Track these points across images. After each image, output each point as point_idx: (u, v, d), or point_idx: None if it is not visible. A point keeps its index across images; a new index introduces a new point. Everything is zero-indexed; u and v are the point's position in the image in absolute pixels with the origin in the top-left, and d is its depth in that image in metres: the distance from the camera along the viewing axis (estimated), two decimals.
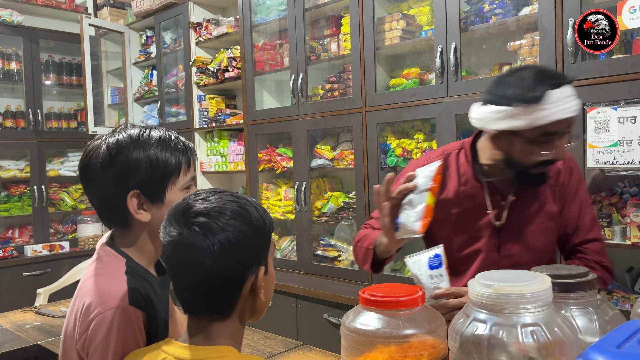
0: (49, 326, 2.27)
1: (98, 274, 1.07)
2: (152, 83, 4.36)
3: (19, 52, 4.50)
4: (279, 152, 3.36)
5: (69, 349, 1.08)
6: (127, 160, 1.06)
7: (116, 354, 0.99)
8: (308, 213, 3.08)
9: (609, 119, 1.99)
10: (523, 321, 0.83)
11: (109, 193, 1.07)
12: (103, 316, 1.00)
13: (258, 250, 0.90)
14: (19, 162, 4.59)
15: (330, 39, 3.11)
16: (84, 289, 1.07)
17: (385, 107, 2.67)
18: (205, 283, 0.86)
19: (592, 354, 0.70)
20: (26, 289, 3.91)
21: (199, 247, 0.84)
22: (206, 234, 0.85)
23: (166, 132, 1.12)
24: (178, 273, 0.89)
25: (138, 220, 1.08)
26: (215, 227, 0.85)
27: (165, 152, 1.09)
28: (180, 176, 1.11)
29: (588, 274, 1.00)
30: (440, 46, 2.42)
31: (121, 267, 1.07)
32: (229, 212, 0.87)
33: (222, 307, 0.89)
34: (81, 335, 1.02)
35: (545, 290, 0.84)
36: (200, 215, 0.86)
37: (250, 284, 0.89)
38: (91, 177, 1.09)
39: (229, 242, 0.85)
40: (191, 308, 0.91)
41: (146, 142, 1.08)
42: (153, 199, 1.09)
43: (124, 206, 1.07)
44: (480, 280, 0.89)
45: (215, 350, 0.86)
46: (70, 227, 4.87)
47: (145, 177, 1.07)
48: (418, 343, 1.00)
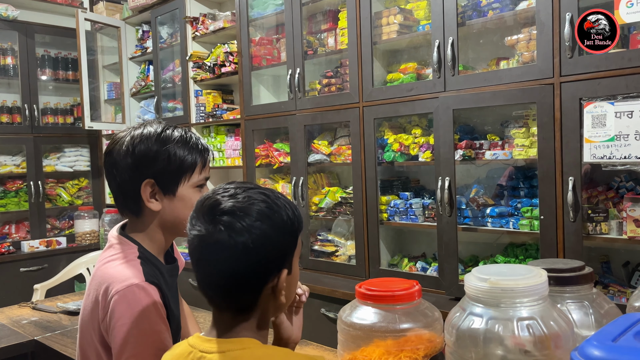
0: (45, 322, 2.27)
1: (112, 259, 1.13)
2: (149, 78, 4.34)
3: (15, 47, 4.48)
4: (276, 147, 3.35)
5: (87, 333, 1.13)
6: (147, 151, 1.15)
7: (138, 329, 1.03)
8: (305, 208, 3.08)
9: (606, 114, 1.99)
10: (519, 315, 0.83)
11: (126, 179, 1.15)
12: (122, 293, 1.05)
13: (282, 253, 0.89)
14: (15, 157, 4.57)
15: (327, 34, 3.10)
16: (100, 274, 1.12)
17: (383, 102, 2.67)
18: (225, 281, 0.87)
19: (588, 348, 0.70)
20: (23, 284, 3.91)
21: (222, 245, 0.85)
22: (230, 234, 0.85)
23: (189, 133, 1.21)
24: (201, 267, 0.90)
25: (149, 208, 1.15)
26: (240, 227, 0.85)
27: (184, 150, 1.17)
28: (194, 174, 1.19)
29: (584, 267, 1.01)
30: (438, 41, 2.41)
31: (134, 253, 1.14)
32: (255, 213, 0.86)
33: (242, 306, 0.89)
34: (104, 317, 1.07)
35: (541, 284, 0.85)
36: (226, 214, 0.86)
37: (271, 286, 0.89)
38: (112, 163, 1.17)
39: (252, 244, 0.84)
40: (213, 303, 0.92)
41: (168, 138, 1.17)
42: (165, 191, 1.16)
43: (138, 193, 1.14)
44: (476, 274, 0.89)
45: (238, 342, 0.87)
46: (67, 222, 4.86)
47: (160, 169, 1.15)
48: (414, 337, 1.01)
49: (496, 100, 2.27)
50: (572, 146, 2.06)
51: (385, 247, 2.87)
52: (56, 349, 1.93)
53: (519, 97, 2.20)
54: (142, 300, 1.05)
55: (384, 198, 2.80)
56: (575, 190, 2.03)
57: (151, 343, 1.03)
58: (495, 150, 2.40)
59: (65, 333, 2.10)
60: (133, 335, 1.02)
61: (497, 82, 2.26)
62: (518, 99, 2.21)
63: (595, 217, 2.08)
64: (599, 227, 2.08)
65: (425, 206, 2.68)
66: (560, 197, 2.08)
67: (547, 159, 2.12)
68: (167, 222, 1.18)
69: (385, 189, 2.86)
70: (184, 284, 2.24)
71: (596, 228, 2.08)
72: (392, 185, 2.91)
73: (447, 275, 2.45)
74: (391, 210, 2.76)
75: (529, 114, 2.33)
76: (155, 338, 1.03)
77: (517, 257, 2.41)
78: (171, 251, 1.30)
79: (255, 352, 0.86)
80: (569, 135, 2.06)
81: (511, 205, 2.39)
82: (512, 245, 2.50)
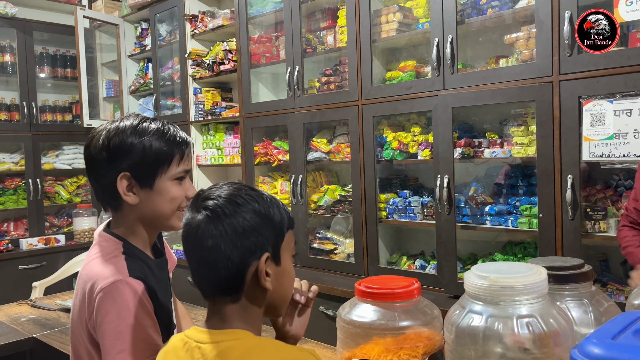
0: (44, 319, 2.27)
1: (97, 257, 1.13)
2: (148, 76, 4.33)
3: (13, 44, 4.46)
4: (275, 145, 3.35)
5: (77, 332, 1.13)
6: (122, 144, 1.13)
7: (124, 324, 1.03)
8: (304, 206, 3.08)
9: (605, 112, 1.99)
10: (518, 312, 0.83)
11: (103, 173, 1.14)
12: (106, 290, 1.04)
13: (263, 239, 0.91)
14: (14, 155, 4.56)
15: (326, 32, 3.09)
16: (85, 272, 1.12)
17: (382, 100, 2.66)
18: (209, 264, 0.90)
19: (588, 345, 0.70)
20: (22, 282, 3.89)
21: (203, 229, 0.89)
22: (212, 218, 0.89)
23: (167, 125, 1.18)
24: (189, 255, 0.93)
25: (127, 202, 1.14)
26: (221, 212, 0.89)
27: (160, 142, 1.15)
28: (172, 166, 1.16)
29: (583, 265, 1.01)
30: (437, 39, 2.41)
31: (118, 249, 1.13)
32: (237, 199, 0.91)
33: (228, 289, 0.91)
34: (90, 315, 1.07)
35: (541, 282, 0.85)
36: (209, 199, 0.91)
37: (254, 269, 0.90)
38: (89, 158, 1.16)
39: (232, 227, 0.89)
40: (204, 291, 0.94)
41: (144, 130, 1.15)
42: (142, 184, 1.14)
43: (115, 187, 1.13)
44: (476, 272, 0.89)
45: (231, 333, 0.89)
46: (66, 220, 4.85)
47: (136, 162, 1.13)
48: (414, 335, 1.01)
49: (495, 98, 2.27)
50: (571, 144, 2.06)
51: (384, 245, 2.87)
52: (55, 347, 1.93)
53: (518, 95, 2.20)
54: (126, 295, 1.04)
55: (382, 196, 2.80)
56: (574, 189, 2.04)
57: (138, 337, 1.03)
58: (494, 149, 2.40)
59: (64, 331, 2.10)
60: (120, 332, 1.02)
61: (496, 80, 2.26)
62: (517, 97, 2.21)
63: (594, 216, 2.08)
64: (597, 225, 2.08)
65: (424, 204, 2.68)
66: (559, 195, 2.09)
67: (546, 157, 2.12)
68: (146, 216, 1.16)
69: (384, 187, 2.86)
70: (182, 281, 2.24)
71: (595, 226, 2.08)
72: (391, 184, 2.91)
73: (446, 273, 2.45)
74: (390, 209, 2.76)
75: (528, 112, 2.33)
76: (142, 333, 1.04)
77: (516, 255, 2.41)
78: (160, 246, 1.29)
79: (247, 343, 0.88)
80: (568, 134, 2.06)
81: (510, 204, 2.39)
82: (510, 243, 2.50)
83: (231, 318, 0.92)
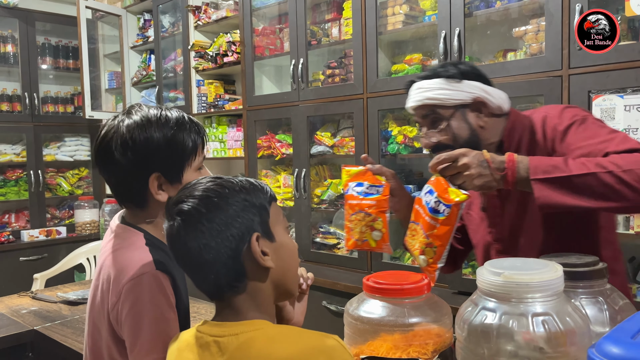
0: (45, 311, 2.25)
1: (119, 248, 1.10)
2: (150, 67, 4.30)
3: (15, 34, 4.43)
4: (278, 138, 3.32)
5: (97, 323, 1.11)
6: (148, 142, 1.08)
7: (150, 317, 1.01)
8: (307, 200, 3.05)
9: (615, 107, 1.96)
10: (534, 310, 0.81)
11: (129, 174, 1.09)
12: (134, 282, 1.02)
13: (247, 221, 0.89)
14: (15, 146, 4.54)
15: (331, 24, 3.06)
16: (108, 263, 1.09)
17: (387, 93, 2.63)
18: (203, 265, 0.88)
19: (606, 345, 0.67)
20: (23, 274, 3.88)
21: (184, 234, 0.88)
22: (189, 221, 0.88)
23: (181, 113, 1.15)
24: (182, 263, 0.93)
25: (156, 200, 1.11)
26: (195, 212, 0.87)
27: (183, 134, 1.12)
28: (197, 157, 1.14)
29: (598, 262, 0.98)
30: (444, 31, 2.38)
31: (140, 240, 1.10)
32: (210, 193, 0.89)
33: (232, 282, 0.89)
34: (114, 306, 1.04)
35: (557, 278, 0.82)
36: (180, 203, 0.90)
37: (249, 254, 0.88)
38: (109, 158, 1.09)
39: (211, 222, 0.87)
40: (210, 293, 0.92)
41: (165, 124, 1.10)
42: (172, 180, 1.11)
43: (144, 186, 1.09)
44: (489, 267, 0.87)
45: (249, 324, 0.87)
46: (67, 212, 4.83)
47: (165, 159, 1.09)
48: (423, 332, 0.98)
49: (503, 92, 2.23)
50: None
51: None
52: (56, 339, 1.91)
53: (526, 89, 2.17)
54: (153, 288, 1.02)
55: None
56: None
57: (163, 331, 1.01)
58: None
59: (65, 323, 2.08)
60: (146, 324, 1.01)
61: (504, 74, 2.23)
62: (525, 91, 2.18)
63: None
64: None
65: None
66: None
67: None
68: None
69: None
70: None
71: None
72: None
73: None
74: None
75: (536, 107, 2.29)
76: (166, 326, 1.02)
77: None
78: None
79: (268, 332, 0.86)
80: None
81: None
82: None
83: (244, 309, 0.90)
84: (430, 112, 1.38)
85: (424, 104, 1.37)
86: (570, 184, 1.10)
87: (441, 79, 1.35)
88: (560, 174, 1.10)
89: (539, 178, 1.12)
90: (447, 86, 1.35)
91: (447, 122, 1.35)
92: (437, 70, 1.37)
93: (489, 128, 1.37)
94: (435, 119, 1.38)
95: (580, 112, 1.33)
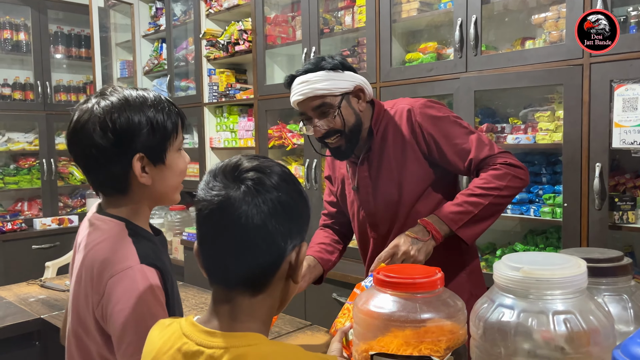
0: (53, 300, 2.24)
1: (101, 241, 1.06)
2: (162, 56, 4.27)
3: (28, 22, 4.43)
4: (289, 128, 3.28)
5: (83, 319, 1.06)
6: (129, 122, 1.04)
7: (137, 311, 0.97)
8: (318, 191, 3.01)
9: (638, 97, 1.88)
10: (555, 308, 0.76)
11: (110, 157, 1.04)
12: (118, 277, 0.99)
13: (303, 222, 0.83)
14: (28, 134, 4.56)
15: (344, 12, 3.00)
16: (90, 257, 1.05)
17: (401, 82, 2.57)
18: (248, 245, 0.77)
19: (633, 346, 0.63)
20: (35, 261, 3.90)
21: (249, 203, 0.77)
22: (259, 190, 0.78)
23: (157, 94, 1.11)
24: (218, 234, 0.79)
25: (140, 183, 1.06)
26: (269, 184, 0.79)
27: (162, 114, 1.08)
28: (178, 136, 1.11)
29: (622, 258, 0.93)
30: (460, 19, 2.31)
31: (123, 231, 1.06)
32: (280, 171, 0.82)
33: (258, 279, 0.80)
34: (98, 303, 1.01)
35: (581, 274, 0.77)
36: (252, 170, 0.80)
37: (290, 259, 0.82)
38: (88, 142, 1.04)
39: (280, 202, 0.79)
40: (221, 278, 0.82)
41: (143, 103, 1.06)
42: (155, 161, 1.07)
43: (127, 170, 1.05)
44: (507, 262, 0.82)
45: (242, 337, 0.77)
46: (79, 201, 4.85)
47: (147, 139, 1.05)
48: (435, 328, 0.94)
49: (520, 81, 2.17)
50: (600, 130, 1.96)
51: None
52: None
53: (545, 78, 2.10)
54: (139, 283, 0.98)
55: None
56: (602, 177, 1.94)
57: (150, 328, 0.97)
58: (517, 135, 2.30)
59: None
60: (131, 320, 0.96)
61: (522, 63, 2.16)
62: (544, 80, 2.11)
63: (622, 206, 1.99)
64: (625, 215, 1.99)
65: None
66: (586, 184, 1.99)
67: (573, 144, 2.02)
68: (156, 193, 1.10)
69: None
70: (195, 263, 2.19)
71: (623, 217, 1.99)
72: None
73: None
74: None
75: (555, 97, 2.23)
76: (153, 322, 0.97)
77: (537, 245, 2.33)
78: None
79: (262, 350, 0.76)
80: (598, 120, 1.96)
81: (532, 192, 2.30)
82: (531, 232, 2.41)
83: (245, 315, 0.81)
84: (321, 102, 1.52)
85: (315, 94, 1.50)
86: (478, 218, 1.47)
87: (325, 70, 1.51)
88: (469, 216, 1.46)
89: (459, 227, 1.47)
90: (332, 77, 1.51)
91: (337, 109, 1.52)
92: (319, 64, 1.52)
93: (365, 113, 1.58)
94: (325, 109, 1.52)
95: (442, 107, 1.60)
